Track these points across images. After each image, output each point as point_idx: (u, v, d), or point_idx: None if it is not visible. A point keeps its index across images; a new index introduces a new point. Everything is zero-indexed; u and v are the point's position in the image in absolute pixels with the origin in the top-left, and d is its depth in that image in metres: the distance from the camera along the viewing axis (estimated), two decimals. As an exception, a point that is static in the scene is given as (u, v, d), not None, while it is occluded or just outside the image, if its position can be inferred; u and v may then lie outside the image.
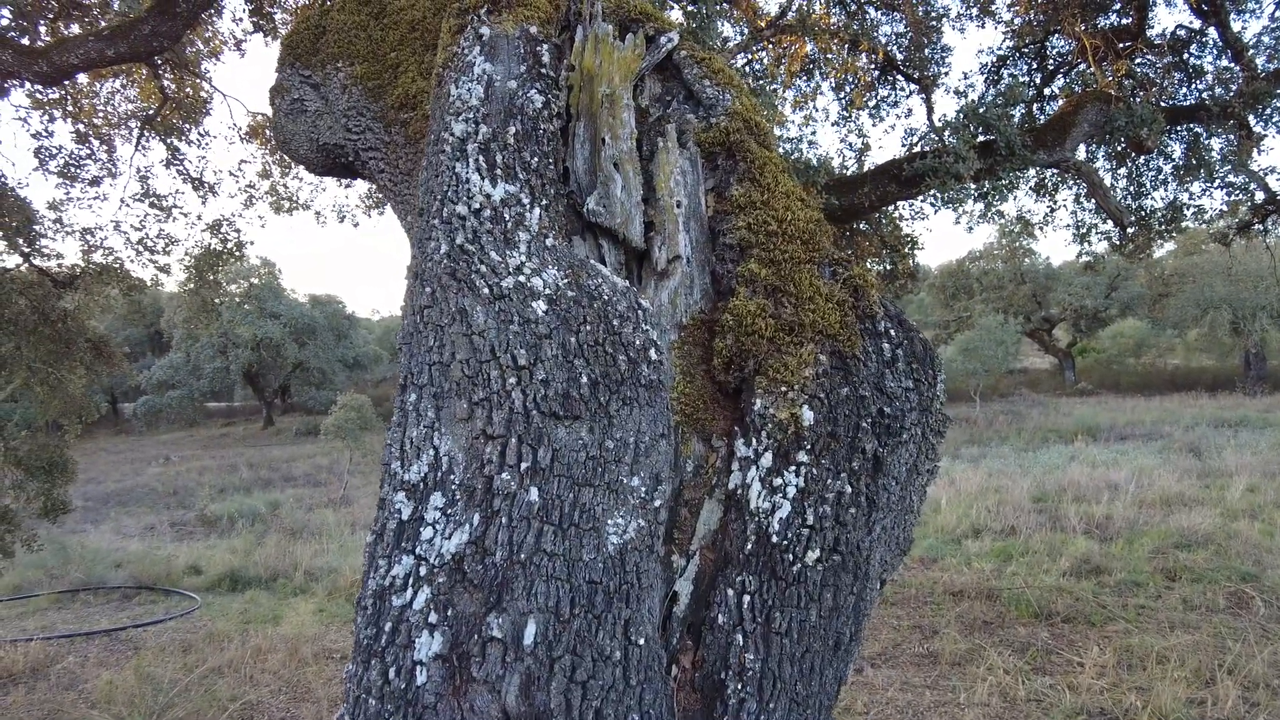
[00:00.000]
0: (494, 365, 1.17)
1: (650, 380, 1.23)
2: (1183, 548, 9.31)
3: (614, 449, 1.16)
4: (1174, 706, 5.05)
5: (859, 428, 1.27)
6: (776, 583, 1.16)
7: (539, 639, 1.02)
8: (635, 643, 1.07)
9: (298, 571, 11.44)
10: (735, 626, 1.15)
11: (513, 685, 1.00)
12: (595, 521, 1.11)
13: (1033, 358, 44.32)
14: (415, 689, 1.02)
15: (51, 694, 6.78)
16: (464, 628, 1.04)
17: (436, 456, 1.16)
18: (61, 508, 6.72)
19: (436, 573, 1.07)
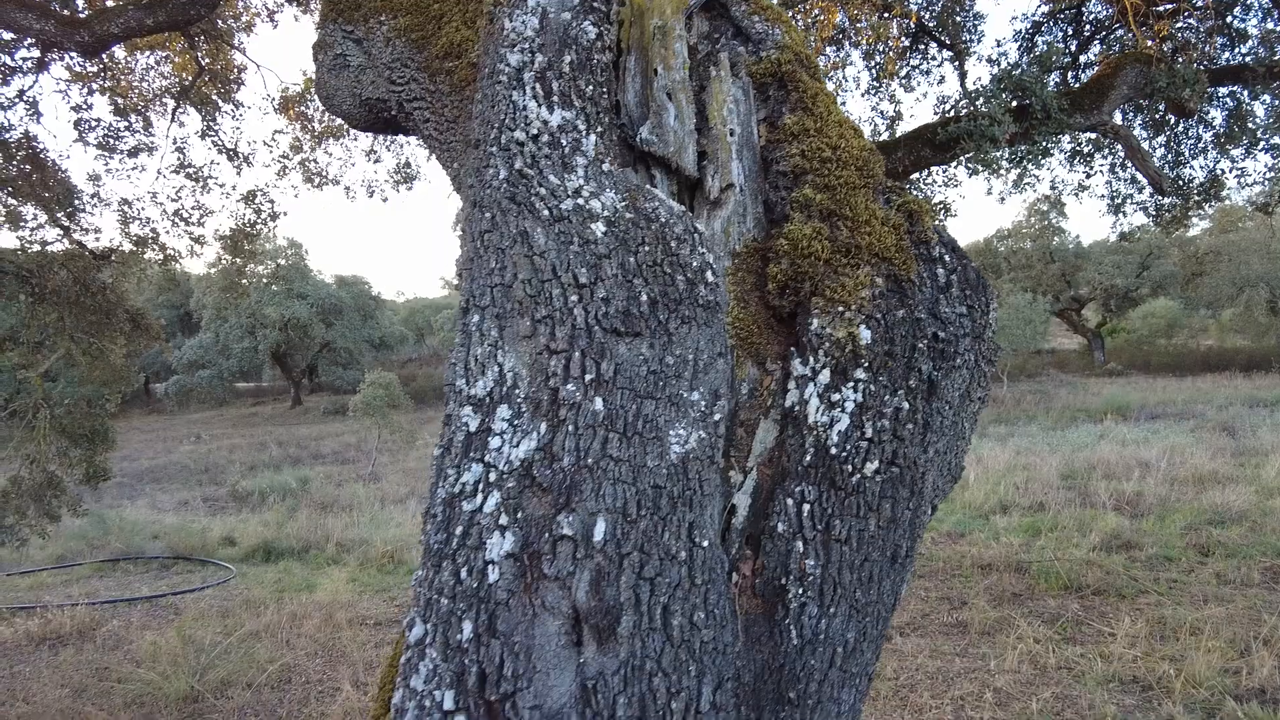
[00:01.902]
0: (555, 284, 1.20)
1: (707, 301, 1.25)
2: (1216, 524, 9.16)
3: (674, 365, 1.18)
4: (1208, 675, 5.02)
5: (915, 349, 1.28)
6: (835, 493, 1.18)
7: (608, 537, 1.05)
8: (699, 545, 1.10)
9: (329, 543, 11.65)
10: (795, 534, 1.17)
11: (583, 581, 1.03)
12: (658, 431, 1.13)
13: (1061, 338, 43.67)
14: (487, 587, 1.05)
15: (99, 654, 7.00)
16: (533, 529, 1.07)
17: (501, 372, 1.19)
18: (103, 474, 6.90)
19: (505, 478, 1.10)
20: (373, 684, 5.71)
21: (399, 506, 14.99)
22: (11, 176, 6.09)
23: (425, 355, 48.92)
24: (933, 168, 6.09)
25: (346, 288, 41.03)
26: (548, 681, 1.00)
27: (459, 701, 1.01)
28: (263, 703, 5.68)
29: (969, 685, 5.11)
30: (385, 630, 7.37)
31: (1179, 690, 4.85)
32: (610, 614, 1.02)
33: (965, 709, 4.78)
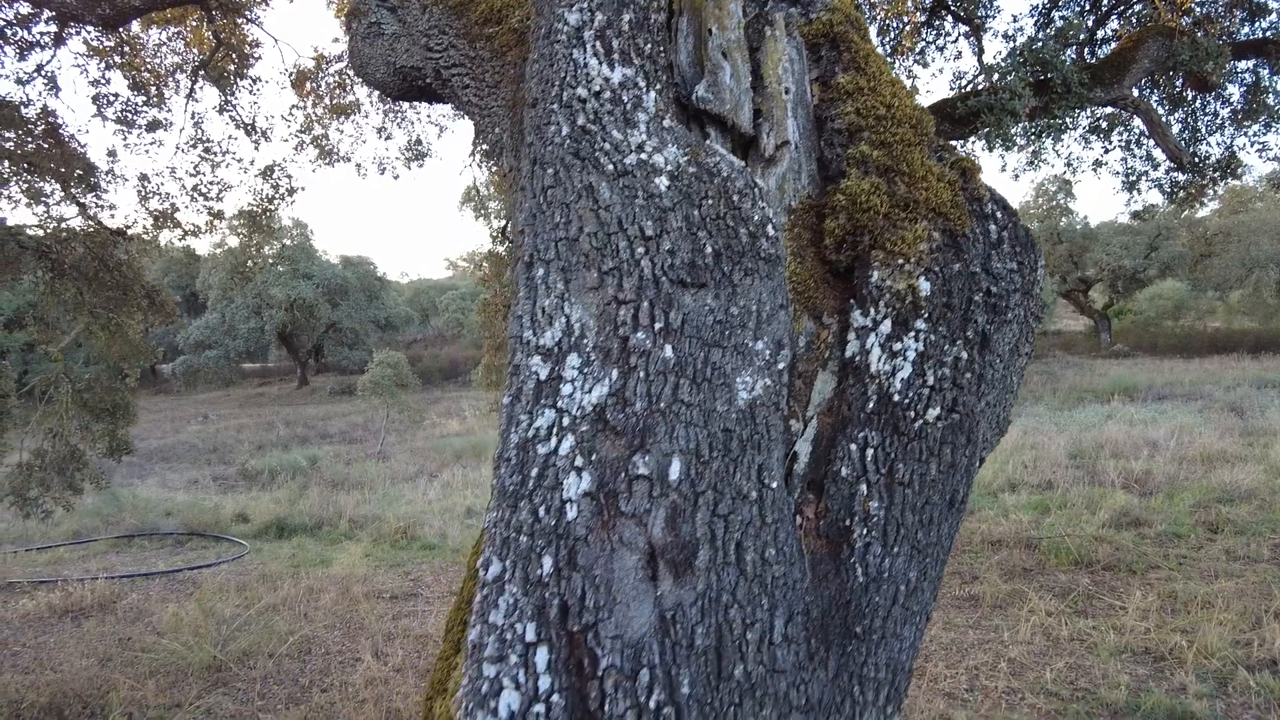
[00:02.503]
0: (621, 236, 1.23)
1: (769, 254, 1.28)
2: (1225, 502, 9.18)
3: (738, 315, 1.21)
4: (1220, 646, 5.07)
5: (971, 301, 1.31)
6: (899, 438, 1.22)
7: (683, 476, 1.08)
8: (768, 485, 1.14)
9: (342, 520, 11.76)
10: (859, 478, 1.21)
11: (659, 518, 1.07)
12: (725, 378, 1.16)
13: (1067, 320, 43.54)
14: (566, 524, 1.09)
15: (121, 626, 7.11)
16: (608, 470, 1.10)
17: (569, 323, 1.22)
18: (125, 448, 6.97)
19: (579, 422, 1.14)
20: (392, 654, 5.80)
21: (409, 484, 15.09)
22: (31, 151, 6.11)
23: (430, 336, 48.97)
24: (952, 142, 6.07)
25: (352, 268, 41.04)
26: (628, 613, 1.04)
27: (540, 633, 1.05)
28: (285, 672, 5.78)
29: (983, 655, 5.18)
30: (402, 604, 7.46)
31: (1191, 661, 4.91)
32: (686, 549, 1.06)
33: (980, 678, 4.85)
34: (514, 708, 1.04)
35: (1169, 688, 4.59)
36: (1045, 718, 4.30)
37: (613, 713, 1.01)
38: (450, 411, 28.12)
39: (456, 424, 25.20)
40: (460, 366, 38.62)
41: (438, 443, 21.67)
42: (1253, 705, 4.37)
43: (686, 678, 1.02)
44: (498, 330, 8.83)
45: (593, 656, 1.03)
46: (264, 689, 5.43)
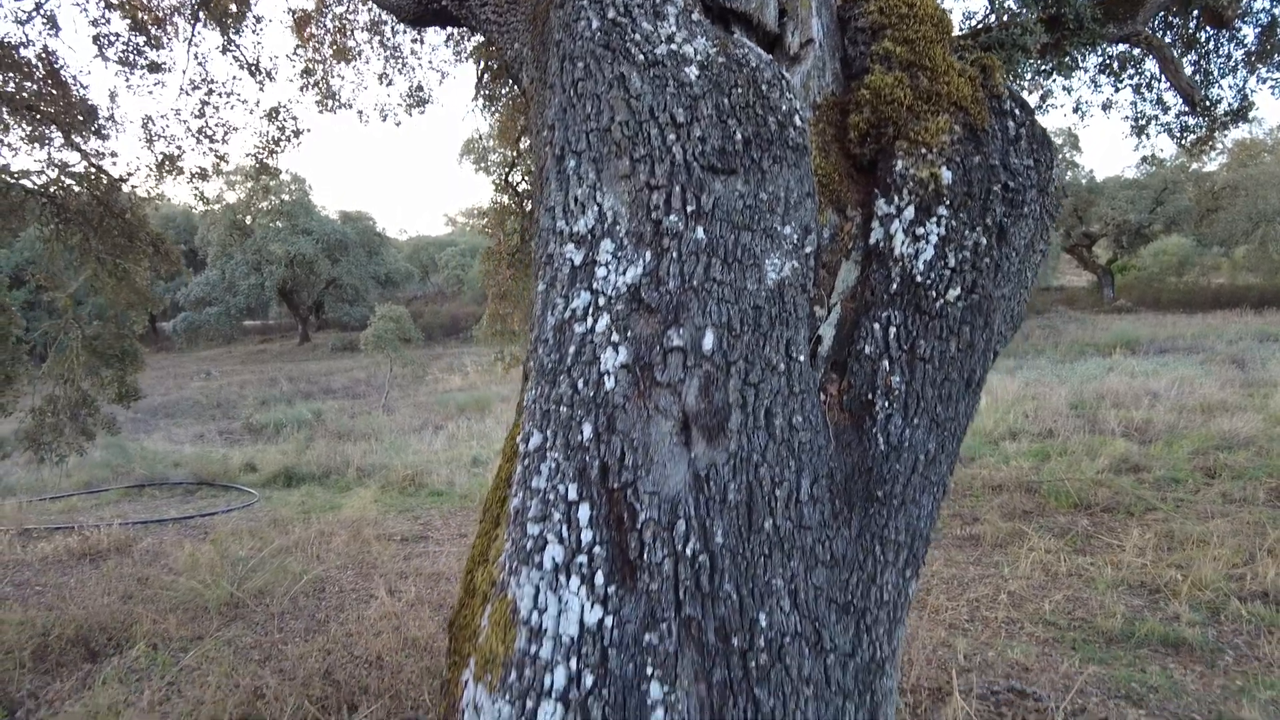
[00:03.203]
0: (653, 124, 1.26)
1: (796, 143, 1.31)
2: (1223, 449, 9.28)
3: (767, 200, 1.25)
4: (1214, 579, 5.20)
5: (990, 192, 1.34)
6: (920, 316, 1.27)
7: (716, 347, 1.13)
8: (795, 359, 1.19)
9: (350, 468, 11.91)
10: (882, 354, 1.26)
11: (692, 387, 1.12)
12: (755, 259, 1.20)
13: (1070, 275, 43.39)
14: (604, 394, 1.14)
15: (138, 566, 7.26)
16: (643, 345, 1.15)
17: (601, 211, 1.26)
18: (134, 394, 7.05)
19: (614, 302, 1.19)
20: (406, 591, 5.94)
21: (415, 436, 15.24)
22: (32, 94, 6.06)
23: (430, 293, 48.87)
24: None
25: (351, 223, 40.79)
26: (664, 472, 1.10)
27: (582, 492, 1.11)
28: (301, 608, 5.92)
29: (983, 589, 5.31)
30: (412, 545, 7.61)
31: (1185, 593, 5.03)
32: (719, 414, 1.11)
33: (980, 609, 4.98)
34: (558, 560, 1.10)
35: (1163, 617, 4.72)
36: (1043, 645, 4.43)
37: (651, 561, 1.07)
38: (453, 367, 28.24)
39: (459, 379, 25.32)
40: (461, 323, 38.65)
41: (441, 397, 21.82)
42: (1243, 632, 4.50)
43: (720, 529, 1.09)
44: (502, 278, 8.85)
45: (632, 511, 1.09)
46: (281, 623, 5.57)
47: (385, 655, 4.51)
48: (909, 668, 4.02)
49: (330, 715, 3.90)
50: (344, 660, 4.54)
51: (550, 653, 1.07)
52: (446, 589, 5.87)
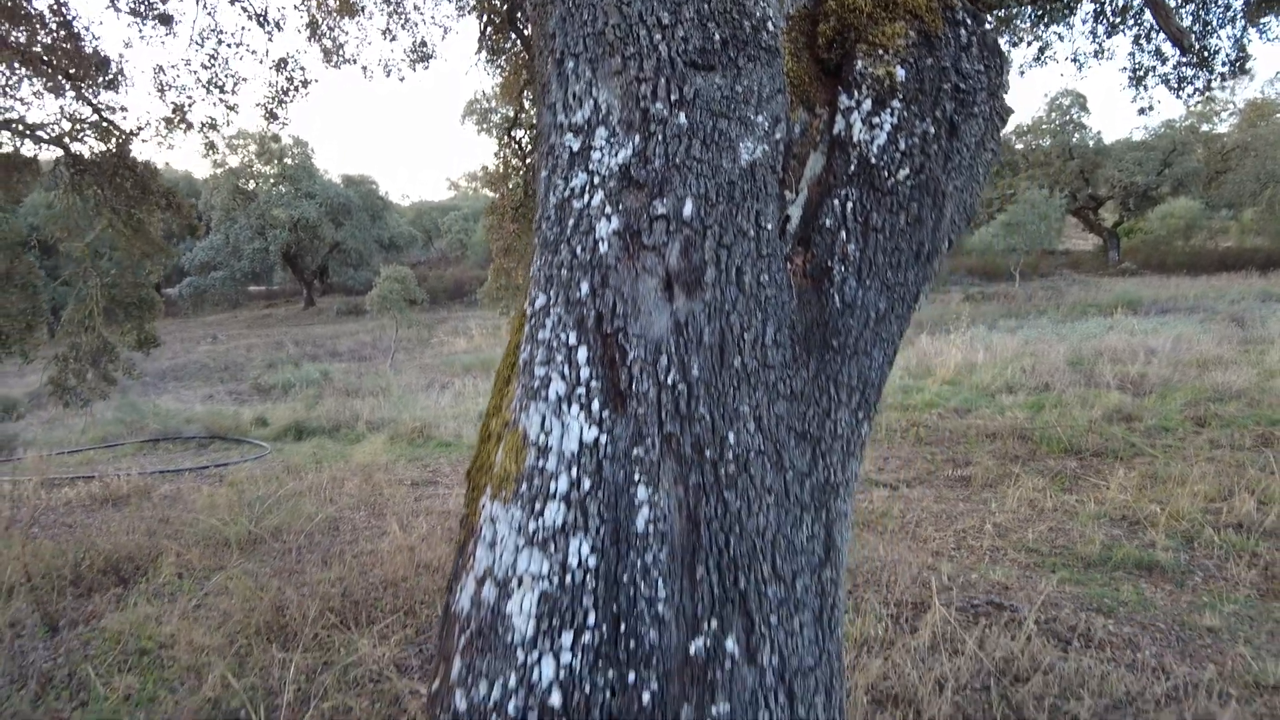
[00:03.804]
0: (641, 26, 1.43)
1: (769, 45, 1.48)
2: (1215, 401, 9.44)
3: (742, 92, 1.42)
4: (1191, 512, 5.42)
5: (940, 90, 1.51)
6: (874, 192, 1.45)
7: (694, 214, 1.32)
8: (764, 227, 1.37)
9: (359, 422, 12.18)
10: (840, 226, 1.44)
11: (674, 249, 1.31)
12: (730, 142, 1.38)
13: (1075, 239, 43.22)
14: (599, 257, 1.33)
15: (159, 509, 7.55)
16: (632, 215, 1.34)
17: (596, 104, 1.44)
18: (152, 341, 7.27)
19: (607, 180, 1.37)
20: (417, 527, 6.20)
21: (421, 394, 15.51)
22: (46, 46, 6.18)
23: (433, 258, 48.94)
24: None
25: (354, 186, 40.73)
26: (650, 320, 1.29)
27: (580, 338, 1.31)
28: (316, 543, 6.19)
29: (970, 521, 5.54)
30: (422, 489, 7.87)
31: (1163, 524, 5.26)
32: (696, 272, 1.30)
33: (966, 539, 5.22)
34: (561, 393, 1.30)
35: (1139, 544, 4.95)
36: (1023, 569, 4.67)
37: (638, 390, 1.27)
38: (457, 330, 28.48)
39: (464, 342, 25.58)
40: (465, 287, 38.79)
41: (446, 359, 22.08)
42: (1214, 557, 4.73)
43: (696, 365, 1.28)
44: (506, 233, 9.00)
45: (622, 351, 1.29)
46: (299, 556, 5.84)
47: (399, 578, 4.77)
48: (894, 586, 4.26)
49: (349, 625, 4.17)
50: (360, 583, 4.80)
51: (555, 465, 1.27)
52: (455, 526, 6.11)
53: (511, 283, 9.43)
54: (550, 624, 1.21)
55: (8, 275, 6.92)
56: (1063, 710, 3.00)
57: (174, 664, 3.93)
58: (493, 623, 1.25)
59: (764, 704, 1.24)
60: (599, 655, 1.20)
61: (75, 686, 3.84)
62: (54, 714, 3.60)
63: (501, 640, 1.23)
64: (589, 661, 1.20)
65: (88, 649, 4.22)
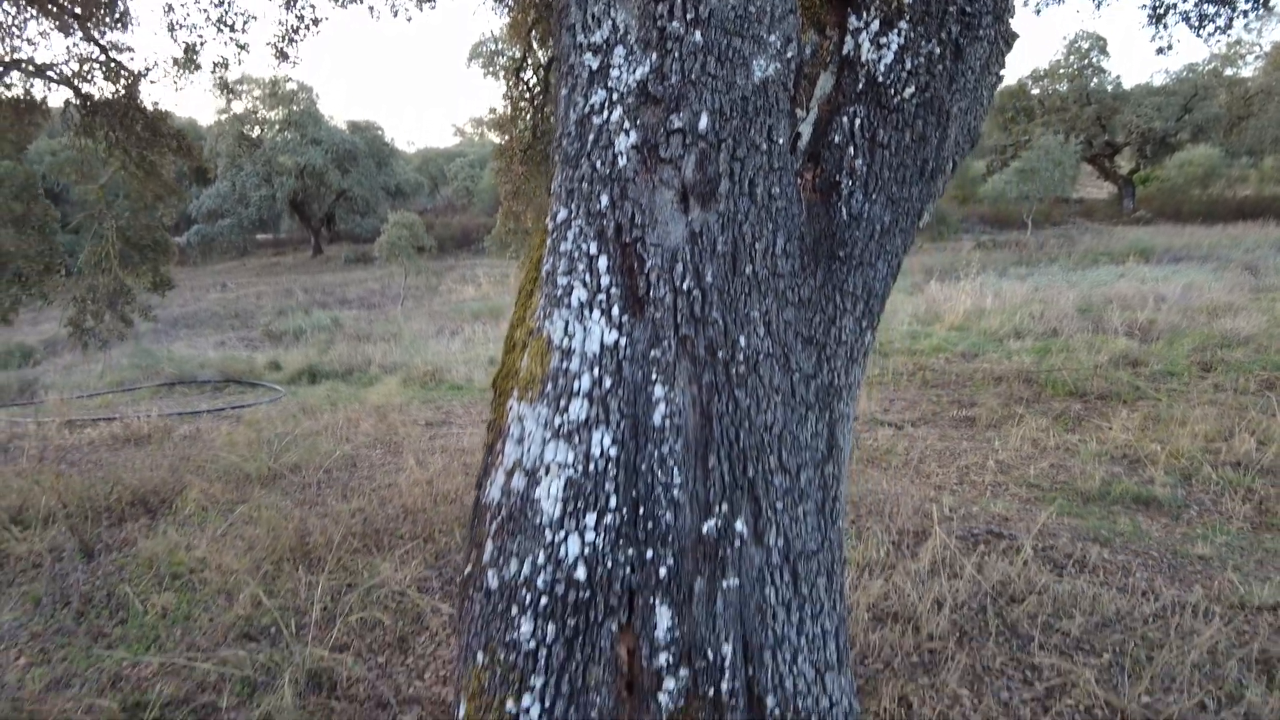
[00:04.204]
0: (658, -53, 1.47)
1: (782, -35, 1.52)
2: (1223, 347, 9.46)
3: (755, 12, 1.47)
4: (1191, 451, 5.52)
5: (946, 12, 1.56)
6: (880, 110, 1.51)
7: (709, 128, 1.38)
8: (775, 142, 1.44)
9: (372, 365, 12.34)
10: (848, 142, 1.51)
11: (690, 162, 1.38)
12: (744, 59, 1.44)
13: (1090, 188, 42.55)
14: (618, 170, 1.40)
15: (179, 447, 7.75)
16: (650, 130, 1.40)
17: (614, 24, 1.49)
18: (167, 283, 7.37)
19: (625, 96, 1.43)
20: (434, 463, 6.36)
21: (432, 340, 15.63)
22: (53, -19, 6.14)
23: (440, 206, 48.65)
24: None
25: (360, 133, 40.33)
26: (666, 229, 1.37)
27: (600, 247, 1.39)
28: (335, 478, 6.37)
29: (973, 459, 5.66)
30: (437, 429, 8.04)
31: (1163, 461, 5.36)
32: (711, 183, 1.37)
33: (969, 475, 5.34)
34: (583, 300, 1.39)
35: (1138, 480, 5.07)
36: (1024, 502, 4.80)
37: (655, 296, 1.36)
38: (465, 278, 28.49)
39: (472, 290, 25.61)
40: (472, 235, 38.66)
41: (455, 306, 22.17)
42: (1210, 492, 4.84)
43: (710, 272, 1.36)
44: (514, 174, 8.98)
45: (640, 260, 1.37)
46: (319, 490, 6.03)
47: (418, 508, 4.93)
48: (895, 516, 4.40)
49: (371, 550, 4.34)
50: (379, 513, 4.98)
51: (578, 365, 1.36)
52: (473, 459, 6.28)
53: (520, 227, 9.44)
54: (575, 507, 1.32)
55: (24, 218, 6.99)
56: (1055, 627, 3.14)
57: (205, 586, 4.12)
58: (522, 508, 1.36)
59: (770, 580, 1.36)
60: (620, 535, 1.31)
61: (114, 606, 4.04)
62: (96, 630, 3.80)
63: (530, 523, 1.34)
64: (611, 540, 1.31)
65: (122, 573, 4.41)
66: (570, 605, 1.30)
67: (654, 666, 1.32)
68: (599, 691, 1.30)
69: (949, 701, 2.67)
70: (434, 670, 3.22)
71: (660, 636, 1.31)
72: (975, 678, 2.83)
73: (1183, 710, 2.62)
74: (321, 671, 3.20)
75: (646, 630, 1.32)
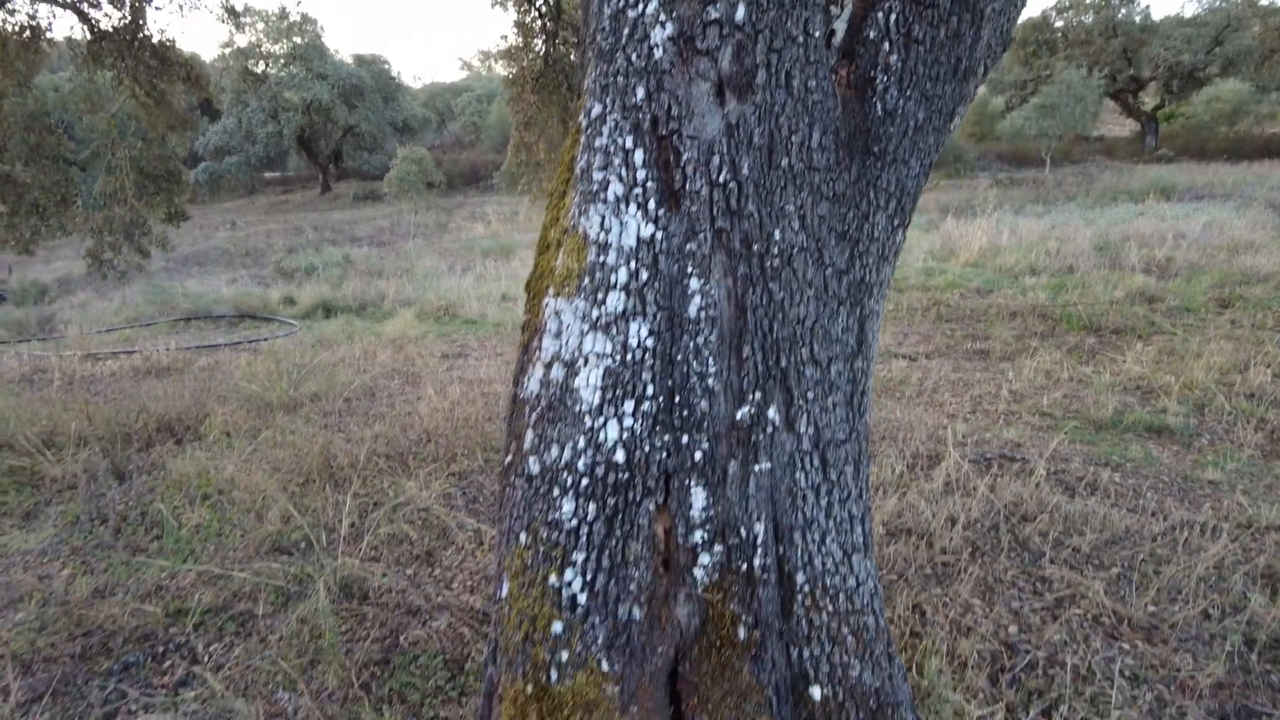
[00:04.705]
0: None
1: None
2: (1242, 284, 9.37)
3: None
4: (1205, 382, 5.53)
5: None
6: (916, 6, 1.49)
7: (746, 19, 1.37)
8: (812, 34, 1.43)
9: (386, 300, 12.39)
10: (883, 38, 1.50)
11: (726, 54, 1.38)
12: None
13: (1112, 126, 41.48)
14: (654, 63, 1.40)
15: (199, 378, 7.87)
16: (686, 21, 1.40)
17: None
18: (182, 214, 7.37)
19: (661, -12, 1.42)
20: (452, 392, 6.45)
21: (444, 276, 15.63)
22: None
23: (448, 142, 47.99)
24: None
25: (366, 66, 39.58)
26: (703, 121, 1.37)
27: (636, 141, 1.40)
28: (355, 407, 6.48)
29: (987, 389, 5.70)
30: (453, 360, 8.12)
31: (1176, 392, 5.39)
32: (748, 75, 1.37)
33: (982, 404, 5.39)
34: (619, 194, 1.40)
35: (1151, 410, 5.10)
36: (1036, 430, 4.84)
37: (691, 189, 1.37)
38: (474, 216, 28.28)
39: (482, 228, 25.45)
40: (480, 171, 38.25)
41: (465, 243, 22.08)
42: (1223, 421, 4.87)
43: (746, 164, 1.37)
44: (526, 104, 8.85)
45: (676, 153, 1.38)
46: (340, 418, 6.14)
47: (439, 433, 5.03)
48: (909, 441, 4.46)
49: (396, 471, 4.45)
50: (402, 438, 5.08)
51: (615, 259, 1.39)
52: (490, 389, 6.36)
53: (531, 158, 9.34)
54: (614, 394, 1.36)
55: (37, 148, 6.97)
56: (1066, 544, 3.22)
57: (235, 505, 4.24)
58: (561, 397, 1.41)
59: (800, 466, 1.41)
60: (657, 421, 1.35)
61: (149, 523, 4.18)
62: (134, 545, 3.95)
63: (570, 410, 1.39)
64: (648, 426, 1.35)
65: (154, 493, 4.55)
66: (610, 486, 1.35)
67: (689, 543, 1.38)
68: (637, 566, 1.36)
69: (961, 609, 2.77)
70: (461, 581, 3.34)
71: (695, 515, 1.37)
72: (987, 588, 2.91)
73: (1187, 618, 2.70)
74: (353, 581, 3.33)
75: (682, 510, 1.37)
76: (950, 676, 2.34)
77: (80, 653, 2.99)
